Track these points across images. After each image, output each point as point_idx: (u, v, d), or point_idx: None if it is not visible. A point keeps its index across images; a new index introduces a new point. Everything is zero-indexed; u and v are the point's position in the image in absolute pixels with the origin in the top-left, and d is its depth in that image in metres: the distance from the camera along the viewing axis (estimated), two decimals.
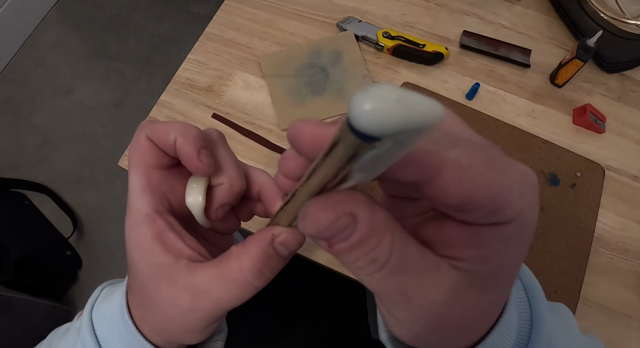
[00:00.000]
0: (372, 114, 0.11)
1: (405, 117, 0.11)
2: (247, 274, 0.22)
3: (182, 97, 0.61)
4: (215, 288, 0.22)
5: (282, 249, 0.22)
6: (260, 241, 0.22)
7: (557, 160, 0.57)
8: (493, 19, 0.67)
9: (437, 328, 0.19)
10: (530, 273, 0.26)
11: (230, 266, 0.22)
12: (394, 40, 0.61)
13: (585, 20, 0.65)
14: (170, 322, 0.24)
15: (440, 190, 0.16)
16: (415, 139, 0.13)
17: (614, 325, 0.52)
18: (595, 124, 0.59)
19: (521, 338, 0.23)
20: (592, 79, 0.64)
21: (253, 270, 0.22)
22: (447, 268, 0.18)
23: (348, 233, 0.16)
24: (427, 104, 0.11)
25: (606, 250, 0.55)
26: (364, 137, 0.12)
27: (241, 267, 0.22)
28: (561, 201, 0.55)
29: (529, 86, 0.63)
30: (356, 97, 0.11)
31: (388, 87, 0.11)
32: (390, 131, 0.11)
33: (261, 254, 0.22)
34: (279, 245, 0.22)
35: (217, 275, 0.23)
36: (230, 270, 0.22)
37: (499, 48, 0.63)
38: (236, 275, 0.22)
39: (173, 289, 0.23)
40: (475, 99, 0.60)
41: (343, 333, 0.63)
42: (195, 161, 0.24)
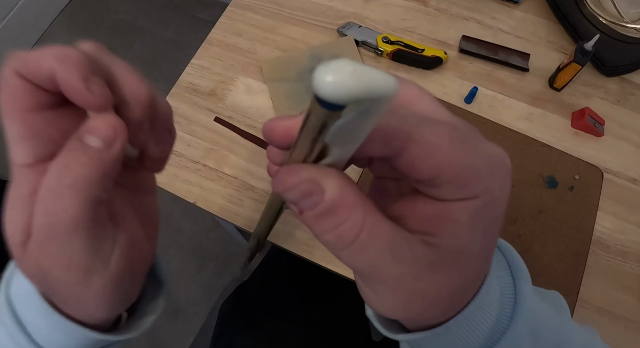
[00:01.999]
0: (331, 84, 0.12)
1: (360, 86, 0.12)
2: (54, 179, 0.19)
3: (185, 101, 0.62)
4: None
5: (90, 139, 0.20)
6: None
7: (555, 163, 0.58)
8: (492, 23, 0.67)
9: (413, 302, 0.20)
10: (516, 254, 0.27)
11: None
12: (394, 45, 0.62)
13: (584, 24, 0.66)
14: (60, 286, 0.21)
15: (408, 164, 0.17)
16: (377, 111, 0.14)
17: (612, 327, 0.52)
18: (593, 127, 0.60)
19: (503, 316, 0.24)
20: (591, 82, 0.64)
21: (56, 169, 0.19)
22: (418, 243, 0.18)
23: (315, 202, 0.17)
24: (380, 76, 0.13)
25: (605, 252, 0.55)
26: (328, 105, 0.13)
27: None
28: (559, 204, 0.56)
29: (527, 89, 0.63)
30: (318, 71, 0.12)
31: (345, 62, 0.12)
32: (347, 98, 0.13)
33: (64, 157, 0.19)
34: (88, 135, 0.20)
35: None
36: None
37: (497, 52, 0.64)
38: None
39: (67, 248, 0.20)
40: (474, 103, 0.61)
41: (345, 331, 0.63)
42: (85, 94, 0.19)
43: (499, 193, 0.19)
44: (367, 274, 0.19)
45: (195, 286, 1.37)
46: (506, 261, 0.26)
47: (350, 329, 0.63)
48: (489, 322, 0.23)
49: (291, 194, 0.18)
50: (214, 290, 1.36)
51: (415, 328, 0.24)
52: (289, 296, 0.67)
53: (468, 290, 0.22)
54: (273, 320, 0.64)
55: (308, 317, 0.64)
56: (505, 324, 0.24)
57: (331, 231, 0.18)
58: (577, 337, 0.28)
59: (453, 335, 0.23)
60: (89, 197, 0.19)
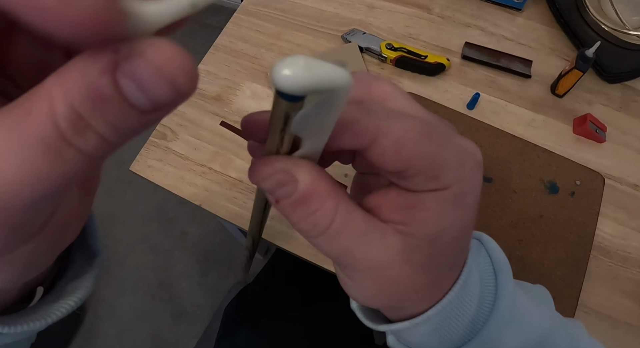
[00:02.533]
0: (285, 77, 0.13)
1: (312, 78, 0.13)
2: (63, 126, 0.12)
3: (192, 105, 0.63)
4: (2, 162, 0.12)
5: (133, 91, 0.12)
6: (91, 64, 0.12)
7: (556, 169, 0.58)
8: (495, 30, 0.68)
9: (388, 290, 0.21)
10: (497, 247, 0.27)
11: (33, 110, 0.12)
12: (397, 52, 0.62)
13: (586, 31, 0.66)
14: None
15: (378, 157, 0.18)
16: (335, 103, 0.16)
17: (613, 332, 0.52)
18: (595, 133, 0.60)
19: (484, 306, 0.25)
20: (593, 89, 0.65)
21: (72, 119, 0.12)
22: (392, 232, 0.19)
23: (289, 191, 0.18)
24: (332, 69, 0.14)
25: (605, 258, 0.55)
26: (287, 97, 0.14)
27: (52, 112, 0.11)
28: (560, 209, 0.56)
29: (529, 96, 0.64)
30: (274, 66, 0.14)
31: (298, 57, 0.13)
32: (302, 89, 0.14)
33: (90, 92, 0.11)
34: (127, 82, 0.11)
35: (4, 134, 0.12)
36: (31, 120, 0.12)
37: (500, 59, 0.64)
38: (41, 127, 0.11)
39: None
40: (476, 108, 0.62)
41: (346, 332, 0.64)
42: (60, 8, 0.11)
43: (469, 184, 0.20)
44: (342, 262, 0.20)
45: (199, 290, 1.38)
46: (487, 253, 0.27)
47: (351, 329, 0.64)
48: (470, 311, 0.24)
49: (266, 184, 0.18)
50: (218, 294, 1.37)
51: (398, 318, 0.24)
52: (291, 297, 0.68)
53: (444, 278, 0.22)
54: (275, 321, 0.65)
55: (309, 317, 0.65)
56: (486, 314, 0.24)
57: (305, 219, 0.18)
58: (561, 330, 0.29)
59: (434, 324, 0.23)
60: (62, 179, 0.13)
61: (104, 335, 1.34)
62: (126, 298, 1.37)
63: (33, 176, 0.12)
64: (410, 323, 0.23)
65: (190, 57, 0.12)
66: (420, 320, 0.23)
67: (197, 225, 1.47)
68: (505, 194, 0.56)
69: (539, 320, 0.27)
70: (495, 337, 0.25)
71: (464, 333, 0.24)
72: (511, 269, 0.26)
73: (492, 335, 0.25)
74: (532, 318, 0.27)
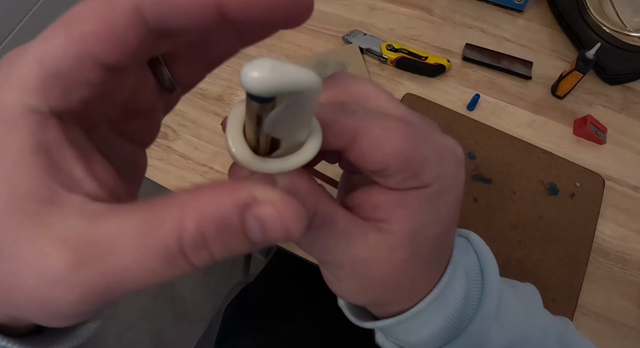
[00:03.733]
0: (252, 79, 0.14)
1: (278, 80, 0.14)
2: (186, 243, 0.13)
3: (193, 105, 0.63)
4: (126, 253, 0.13)
5: (255, 229, 0.14)
6: (226, 197, 0.14)
7: (556, 170, 0.58)
8: (496, 32, 0.68)
9: (372, 287, 0.21)
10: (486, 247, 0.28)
11: (164, 220, 0.13)
12: (397, 53, 0.63)
13: (587, 32, 0.66)
14: (19, 292, 0.14)
15: (358, 156, 0.19)
16: (306, 104, 0.16)
17: (612, 334, 0.52)
18: (595, 135, 0.60)
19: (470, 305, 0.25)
20: (594, 90, 0.65)
21: (197, 239, 0.13)
22: (372, 229, 0.20)
23: None
24: (298, 71, 0.14)
25: (605, 259, 0.55)
26: (255, 98, 0.15)
27: (180, 228, 0.13)
28: (560, 211, 0.56)
29: (530, 97, 0.64)
30: (243, 69, 0.14)
31: (265, 59, 0.14)
32: (269, 91, 0.14)
33: (220, 220, 0.14)
34: (253, 221, 0.14)
35: (136, 230, 0.14)
36: (163, 227, 0.13)
37: (500, 60, 0.64)
38: (168, 238, 0.13)
39: (42, 239, 0.14)
40: (476, 110, 0.62)
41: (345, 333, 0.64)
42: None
43: (450, 182, 0.20)
44: (324, 259, 0.21)
45: (201, 290, 1.38)
46: (475, 251, 0.27)
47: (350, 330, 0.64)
48: (456, 308, 0.24)
49: None
50: (220, 294, 1.37)
51: (384, 315, 0.25)
52: (291, 298, 0.68)
53: (428, 275, 0.23)
54: (276, 322, 0.65)
55: (310, 318, 0.65)
56: (472, 311, 0.25)
57: None
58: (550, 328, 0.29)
59: (419, 321, 0.23)
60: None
61: (105, 334, 1.34)
62: (128, 298, 1.37)
63: (146, 273, 0.14)
64: (395, 321, 0.23)
65: (305, 212, 0.15)
66: (405, 317, 0.23)
67: None
68: (505, 195, 0.56)
69: (526, 318, 0.28)
70: (482, 334, 0.25)
71: (450, 330, 0.24)
72: (498, 267, 0.26)
73: (479, 332, 0.25)
74: (519, 316, 0.27)
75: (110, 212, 0.14)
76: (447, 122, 0.60)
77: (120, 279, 0.14)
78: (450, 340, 0.25)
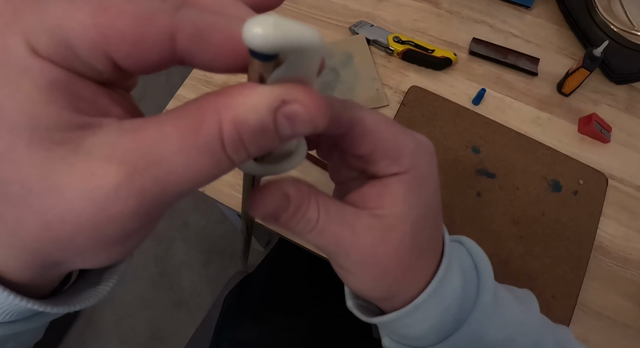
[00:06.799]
0: (255, 35, 0.14)
1: (281, 36, 0.14)
2: (226, 143, 0.14)
3: (199, 92, 0.63)
4: (174, 157, 0.14)
5: (284, 125, 0.15)
6: (258, 100, 0.15)
7: (560, 167, 0.58)
8: (503, 27, 0.68)
9: (379, 271, 0.23)
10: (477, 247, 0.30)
11: (204, 124, 0.14)
12: (404, 45, 0.62)
13: (595, 31, 0.66)
14: (62, 227, 0.14)
15: (352, 141, 0.22)
16: (308, 63, 0.16)
17: (611, 332, 0.52)
18: (600, 133, 0.60)
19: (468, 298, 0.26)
20: (600, 89, 0.64)
21: (235, 139, 0.15)
22: (367, 216, 0.22)
23: (284, 207, 0.21)
24: (301, 27, 0.14)
25: (606, 258, 0.55)
26: (258, 55, 0.15)
27: (221, 131, 0.14)
28: (562, 208, 0.56)
29: (535, 93, 0.64)
30: (246, 25, 0.14)
31: (268, 16, 0.14)
32: (272, 47, 0.14)
33: (254, 121, 0.15)
34: (282, 117, 0.15)
35: (180, 135, 0.14)
36: (204, 130, 0.14)
37: (507, 56, 0.64)
38: (212, 139, 0.14)
39: (84, 162, 0.14)
40: (481, 104, 0.62)
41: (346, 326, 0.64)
42: None
43: (426, 169, 0.23)
44: (334, 250, 0.23)
45: (200, 280, 1.39)
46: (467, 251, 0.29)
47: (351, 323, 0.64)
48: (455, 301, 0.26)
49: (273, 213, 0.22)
50: (219, 284, 1.37)
51: (392, 308, 0.26)
52: (293, 290, 0.68)
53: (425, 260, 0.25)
54: (277, 313, 0.65)
55: (311, 310, 0.65)
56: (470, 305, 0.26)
57: (300, 222, 0.21)
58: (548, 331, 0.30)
59: (422, 313, 0.25)
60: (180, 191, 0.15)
61: (103, 321, 1.34)
62: (126, 285, 1.38)
63: (196, 174, 0.15)
64: (399, 313, 0.25)
65: (328, 106, 0.16)
66: (408, 309, 0.25)
67: (199, 215, 1.47)
68: (508, 190, 0.56)
69: (523, 315, 0.29)
70: (481, 327, 0.26)
71: (449, 324, 0.26)
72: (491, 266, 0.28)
73: (478, 325, 0.26)
74: (516, 312, 0.29)
75: (148, 123, 0.15)
76: (452, 116, 0.59)
77: (172, 182, 0.14)
78: (450, 333, 0.26)
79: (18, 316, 0.18)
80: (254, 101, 0.15)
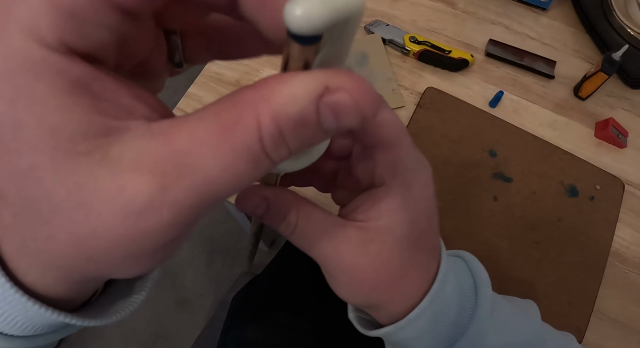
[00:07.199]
0: (301, 16, 0.12)
1: (329, 9, 0.12)
2: (266, 141, 0.13)
3: (210, 90, 0.62)
4: (210, 162, 0.13)
5: (328, 116, 0.13)
6: (298, 89, 0.13)
7: (577, 172, 0.57)
8: (519, 29, 0.67)
9: (360, 282, 0.23)
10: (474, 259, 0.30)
11: (240, 122, 0.13)
12: (420, 45, 0.61)
13: (611, 34, 0.65)
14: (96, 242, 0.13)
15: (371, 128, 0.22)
16: (350, 32, 0.15)
17: (627, 340, 0.51)
18: (617, 138, 0.59)
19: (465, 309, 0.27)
20: (616, 93, 0.64)
21: (275, 136, 0.13)
22: (352, 227, 0.23)
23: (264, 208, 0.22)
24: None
25: (622, 264, 0.54)
26: (305, 40, 0.13)
27: (259, 127, 0.13)
28: (579, 213, 0.55)
29: (552, 97, 0.63)
30: (286, 9, 0.12)
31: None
32: (322, 26, 0.12)
33: (295, 115, 0.13)
34: (326, 107, 0.13)
35: (215, 137, 0.13)
36: (240, 129, 0.13)
37: (523, 58, 0.63)
38: (250, 139, 0.13)
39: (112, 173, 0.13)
40: (498, 107, 0.61)
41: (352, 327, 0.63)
42: None
43: (420, 189, 0.23)
44: (315, 255, 0.23)
45: (203, 279, 1.38)
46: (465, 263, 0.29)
47: None
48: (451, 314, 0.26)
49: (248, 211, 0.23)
50: (222, 283, 1.36)
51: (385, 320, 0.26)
52: (301, 291, 0.67)
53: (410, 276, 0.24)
54: (284, 314, 0.64)
55: (318, 312, 0.64)
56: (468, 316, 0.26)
57: (280, 224, 0.22)
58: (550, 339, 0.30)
59: (418, 326, 0.25)
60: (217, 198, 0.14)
61: None
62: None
63: (234, 179, 0.13)
64: (395, 327, 0.25)
65: (378, 94, 0.14)
66: (403, 323, 0.25)
67: None
68: (525, 195, 0.55)
69: (524, 325, 0.29)
70: (479, 337, 0.26)
71: (446, 336, 0.26)
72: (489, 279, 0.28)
73: (476, 335, 0.26)
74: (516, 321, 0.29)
75: (178, 125, 0.13)
76: (468, 118, 0.59)
77: (208, 190, 0.13)
78: (451, 343, 0.26)
79: (49, 329, 0.17)
80: (293, 90, 0.13)
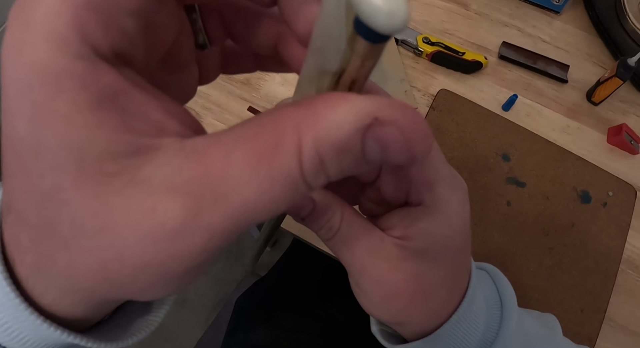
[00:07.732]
0: (392, 13, 0.11)
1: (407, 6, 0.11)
2: (305, 166, 0.12)
3: (219, 88, 0.61)
4: (246, 186, 0.12)
5: (374, 149, 0.13)
6: (346, 116, 0.12)
7: (590, 178, 0.57)
8: (533, 32, 0.67)
9: (390, 297, 0.23)
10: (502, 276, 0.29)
11: (281, 146, 0.12)
12: (434, 47, 0.61)
13: (624, 39, 0.65)
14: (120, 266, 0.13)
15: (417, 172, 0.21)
16: None
17: None
18: (630, 144, 0.59)
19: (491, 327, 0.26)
20: (628, 99, 0.63)
21: (316, 163, 0.12)
22: (390, 242, 0.22)
23: (309, 209, 0.21)
24: None
25: (634, 272, 0.54)
26: (381, 38, 0.12)
27: (300, 152, 0.12)
28: (592, 219, 0.55)
29: (565, 101, 0.62)
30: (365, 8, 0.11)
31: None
32: (407, 19, 0.11)
33: (339, 143, 0.12)
34: (372, 140, 0.13)
35: (251, 159, 0.12)
36: (280, 153, 0.12)
37: (537, 61, 0.63)
38: (289, 164, 0.12)
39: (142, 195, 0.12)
40: (511, 110, 0.60)
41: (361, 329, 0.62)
42: None
43: (456, 207, 0.22)
44: (349, 263, 0.22)
45: (205, 278, 1.37)
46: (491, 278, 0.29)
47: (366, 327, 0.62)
48: (478, 331, 0.25)
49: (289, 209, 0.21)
50: (223, 283, 1.35)
51: (411, 337, 0.26)
52: (307, 292, 0.67)
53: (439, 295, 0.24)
54: (290, 316, 0.63)
55: (325, 313, 0.64)
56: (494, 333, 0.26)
57: (324, 227, 0.22)
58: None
59: (444, 344, 0.25)
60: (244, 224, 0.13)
61: None
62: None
63: (270, 203, 0.12)
64: (421, 343, 0.24)
65: (431, 133, 0.13)
66: (431, 338, 0.24)
67: None
68: (538, 200, 0.55)
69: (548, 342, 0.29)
70: None
71: None
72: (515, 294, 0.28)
73: None
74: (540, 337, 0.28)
75: (214, 145, 0.13)
76: (482, 122, 0.58)
77: (242, 216, 0.12)
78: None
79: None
80: (341, 117, 0.12)
